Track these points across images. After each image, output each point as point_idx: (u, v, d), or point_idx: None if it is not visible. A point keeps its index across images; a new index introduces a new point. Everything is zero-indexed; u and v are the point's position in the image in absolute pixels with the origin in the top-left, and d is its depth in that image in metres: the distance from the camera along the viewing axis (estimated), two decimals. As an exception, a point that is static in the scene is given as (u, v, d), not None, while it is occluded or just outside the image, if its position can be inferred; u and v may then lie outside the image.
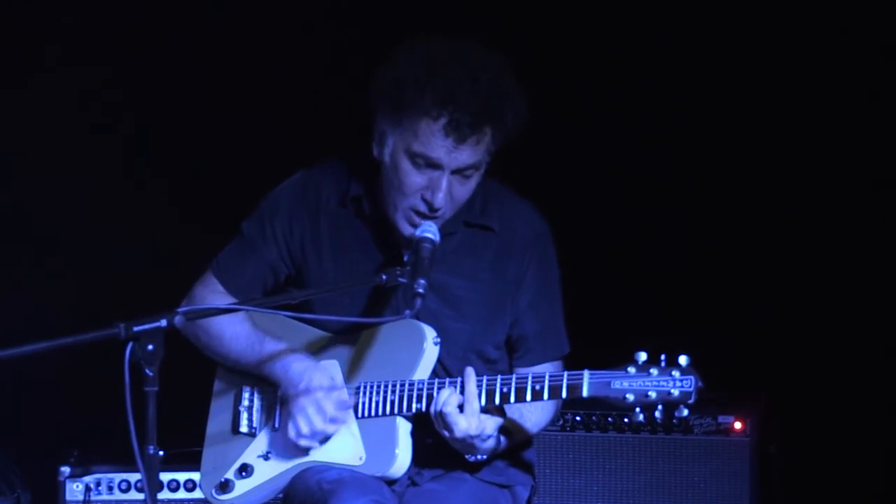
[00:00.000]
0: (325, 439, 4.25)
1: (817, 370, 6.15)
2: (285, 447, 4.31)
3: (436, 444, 4.23)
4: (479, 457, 4.21)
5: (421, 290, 4.03)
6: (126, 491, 5.59)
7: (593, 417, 5.66)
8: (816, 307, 6.18)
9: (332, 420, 4.21)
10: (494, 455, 4.27)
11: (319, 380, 4.23)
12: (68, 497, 5.53)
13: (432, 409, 4.12)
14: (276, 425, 4.35)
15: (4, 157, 6.25)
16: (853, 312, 6.17)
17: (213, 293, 4.40)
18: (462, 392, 4.11)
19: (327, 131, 5.97)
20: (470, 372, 4.12)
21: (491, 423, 4.13)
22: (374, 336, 4.28)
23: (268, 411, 4.38)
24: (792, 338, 6.17)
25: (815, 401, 6.10)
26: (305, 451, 4.27)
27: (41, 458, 5.60)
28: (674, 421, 5.51)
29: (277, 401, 4.35)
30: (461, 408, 4.10)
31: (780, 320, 6.20)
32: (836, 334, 6.15)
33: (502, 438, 4.21)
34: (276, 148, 6.20)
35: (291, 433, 4.24)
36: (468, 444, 4.12)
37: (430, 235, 4.15)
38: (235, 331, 4.37)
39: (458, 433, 4.09)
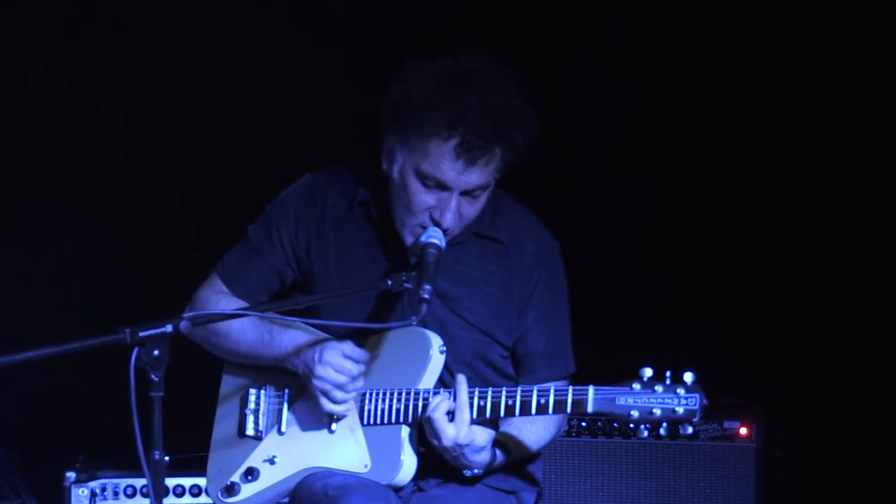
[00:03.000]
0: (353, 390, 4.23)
1: (822, 375, 6.15)
2: (291, 451, 4.31)
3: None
4: (474, 471, 4.19)
5: (426, 296, 4.04)
6: (132, 496, 5.59)
7: (599, 423, 5.66)
8: (820, 312, 6.18)
9: (358, 376, 4.19)
10: (492, 470, 4.25)
11: (332, 346, 4.21)
12: (74, 502, 5.53)
13: (423, 416, 4.12)
14: (283, 429, 4.35)
15: (9, 159, 6.26)
16: (857, 317, 6.16)
17: (217, 295, 4.40)
18: (454, 400, 4.11)
19: (335, 135, 5.98)
20: (462, 380, 4.12)
21: (482, 435, 4.12)
22: (380, 343, 4.28)
23: (274, 415, 4.38)
24: (797, 343, 6.17)
25: (820, 406, 6.10)
26: (332, 419, 4.24)
27: (47, 463, 5.60)
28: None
29: (284, 403, 4.36)
30: (451, 415, 4.10)
31: (785, 326, 6.20)
32: (841, 340, 6.15)
33: (498, 453, 4.20)
34: (283, 151, 6.20)
35: (326, 406, 4.20)
36: (458, 453, 4.11)
37: (435, 241, 4.14)
38: (243, 324, 4.35)
39: (447, 441, 4.09)
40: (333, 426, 4.28)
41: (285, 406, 4.37)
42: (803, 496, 5.90)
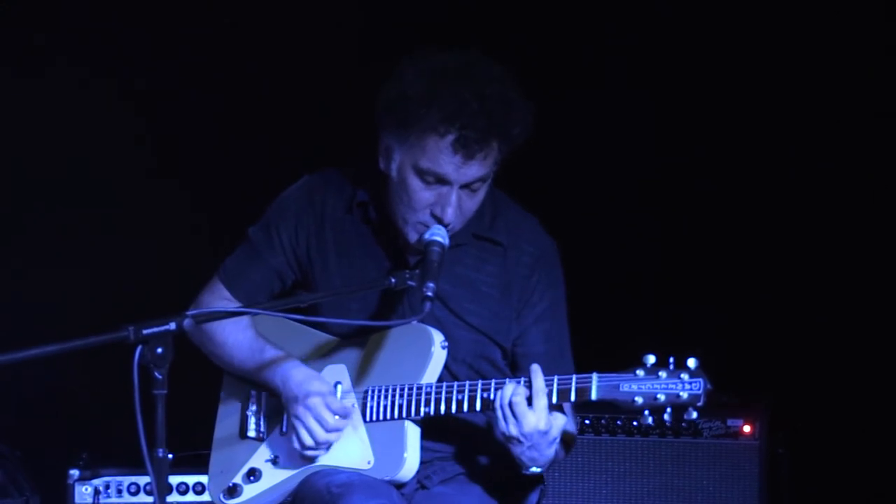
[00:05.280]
0: (328, 447, 4.25)
1: (826, 373, 6.15)
2: (293, 452, 4.31)
3: (445, 446, 4.26)
4: (532, 469, 4.13)
5: (430, 294, 4.03)
6: (135, 494, 5.59)
7: (602, 421, 5.66)
8: (825, 310, 6.18)
9: (334, 430, 4.21)
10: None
11: (319, 388, 4.23)
12: (77, 500, 5.54)
13: (498, 401, 4.05)
14: (284, 430, 4.35)
15: (12, 159, 6.26)
16: (861, 315, 6.16)
17: (219, 300, 4.41)
18: (529, 387, 4.05)
19: (334, 136, 5.98)
20: (537, 368, 4.07)
21: (558, 423, 4.06)
22: (382, 340, 4.27)
23: (275, 416, 4.38)
24: (800, 341, 6.17)
25: (823, 404, 6.10)
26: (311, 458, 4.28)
27: (50, 461, 5.61)
28: (682, 424, 5.50)
29: (284, 406, 4.36)
30: (529, 402, 4.05)
31: (789, 323, 6.20)
32: (845, 337, 6.15)
33: (559, 448, 4.16)
34: (282, 152, 6.20)
35: (295, 444, 4.24)
36: (533, 443, 4.04)
37: (438, 239, 4.14)
38: (238, 339, 4.37)
39: (527, 427, 4.02)
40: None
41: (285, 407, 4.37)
42: (806, 494, 5.90)
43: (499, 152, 4.15)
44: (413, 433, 4.19)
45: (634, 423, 5.63)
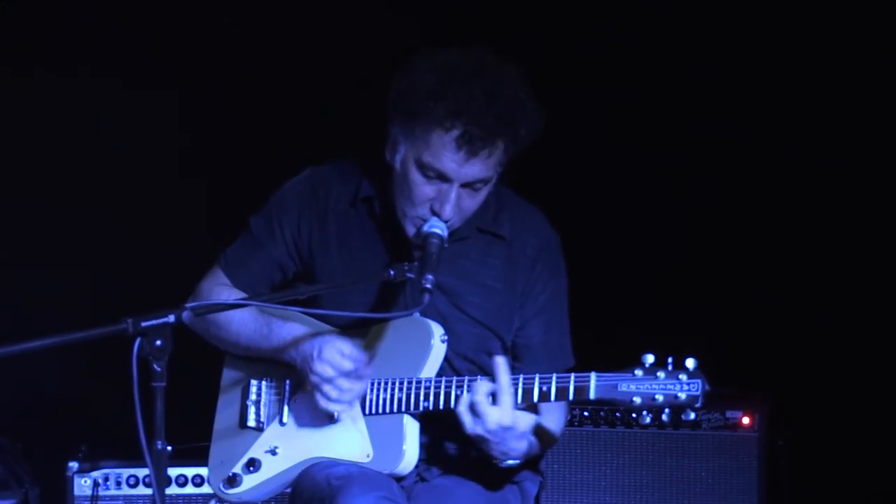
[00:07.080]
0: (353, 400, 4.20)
1: (825, 365, 6.15)
2: (293, 442, 4.31)
3: (444, 440, 4.26)
4: (508, 462, 4.14)
5: (429, 286, 4.03)
6: (134, 486, 5.60)
7: (601, 413, 5.67)
8: (824, 303, 6.18)
9: (357, 374, 4.17)
10: (527, 459, 4.23)
11: (331, 343, 4.19)
12: (76, 492, 5.55)
13: (463, 402, 4.06)
14: (284, 420, 4.35)
15: (12, 158, 6.27)
16: (861, 308, 6.17)
17: (219, 286, 4.41)
18: (495, 382, 4.05)
19: (333, 136, 5.99)
20: (501, 361, 4.06)
21: (525, 420, 4.06)
22: (381, 333, 4.27)
23: (275, 405, 4.38)
24: (800, 333, 6.17)
25: (822, 396, 6.10)
26: (331, 417, 4.22)
27: (49, 453, 5.62)
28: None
29: (285, 395, 4.36)
30: (493, 398, 4.06)
31: (789, 315, 6.21)
32: (844, 330, 6.15)
33: (533, 441, 4.17)
34: (282, 152, 6.20)
35: (322, 403, 4.18)
36: (500, 439, 4.06)
37: (437, 231, 4.14)
38: (243, 316, 4.36)
39: (490, 424, 4.02)
40: (335, 415, 4.28)
41: (286, 397, 4.37)
42: (806, 486, 5.90)
43: (504, 154, 4.14)
44: (412, 426, 4.19)
45: (633, 416, 5.63)
